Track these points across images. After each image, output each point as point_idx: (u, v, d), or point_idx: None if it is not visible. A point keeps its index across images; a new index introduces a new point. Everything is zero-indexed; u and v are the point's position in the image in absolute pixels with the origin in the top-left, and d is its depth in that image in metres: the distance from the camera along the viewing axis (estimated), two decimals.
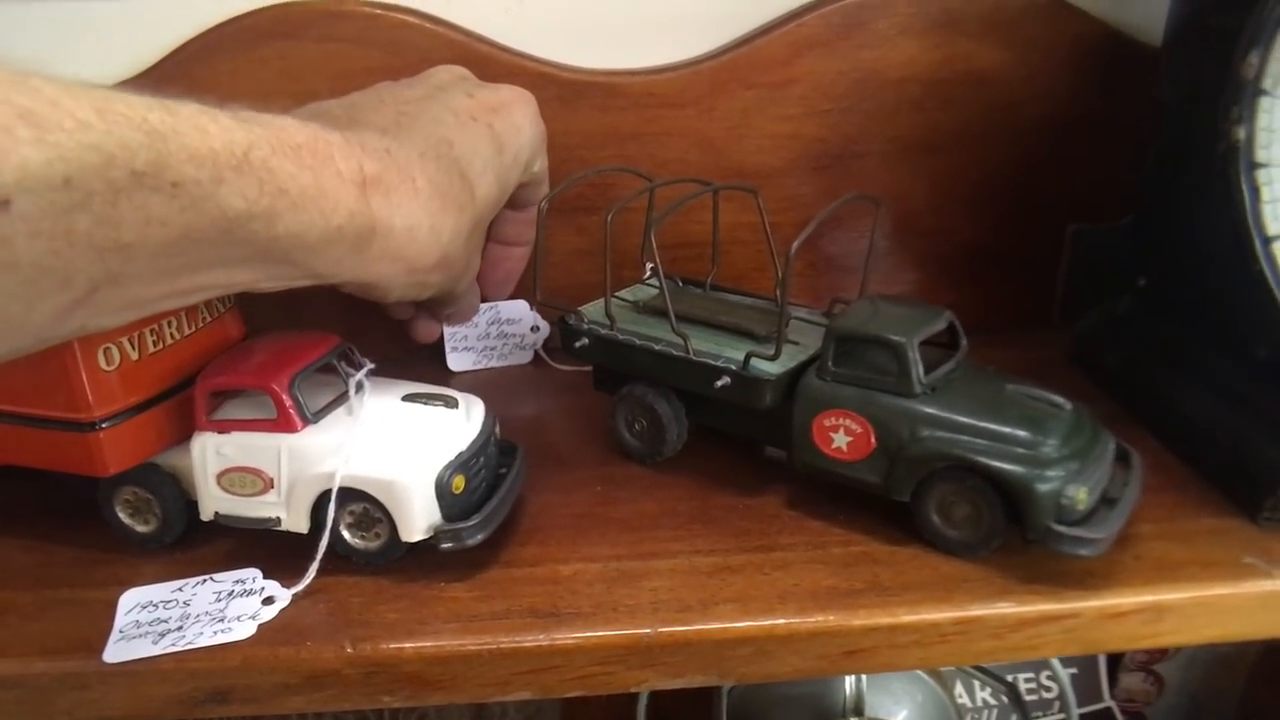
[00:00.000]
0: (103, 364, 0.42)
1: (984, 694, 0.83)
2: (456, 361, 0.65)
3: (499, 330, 0.65)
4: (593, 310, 0.54)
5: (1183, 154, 0.55)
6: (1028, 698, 0.84)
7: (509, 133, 0.51)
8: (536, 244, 0.55)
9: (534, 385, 0.63)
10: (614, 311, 0.52)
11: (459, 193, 0.46)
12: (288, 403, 0.43)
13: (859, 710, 0.68)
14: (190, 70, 0.60)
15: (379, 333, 0.66)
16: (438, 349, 0.66)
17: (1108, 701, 0.86)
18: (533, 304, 0.65)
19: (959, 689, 0.83)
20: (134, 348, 0.43)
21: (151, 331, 0.44)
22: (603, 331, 0.52)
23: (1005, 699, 0.82)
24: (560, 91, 0.62)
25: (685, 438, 0.52)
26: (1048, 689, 0.83)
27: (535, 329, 0.66)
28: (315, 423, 0.43)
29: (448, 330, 0.65)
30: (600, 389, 0.55)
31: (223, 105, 0.37)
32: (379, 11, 0.60)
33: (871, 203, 0.51)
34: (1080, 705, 0.85)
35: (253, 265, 0.39)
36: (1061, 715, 0.83)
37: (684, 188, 0.55)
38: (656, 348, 0.50)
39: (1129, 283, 0.61)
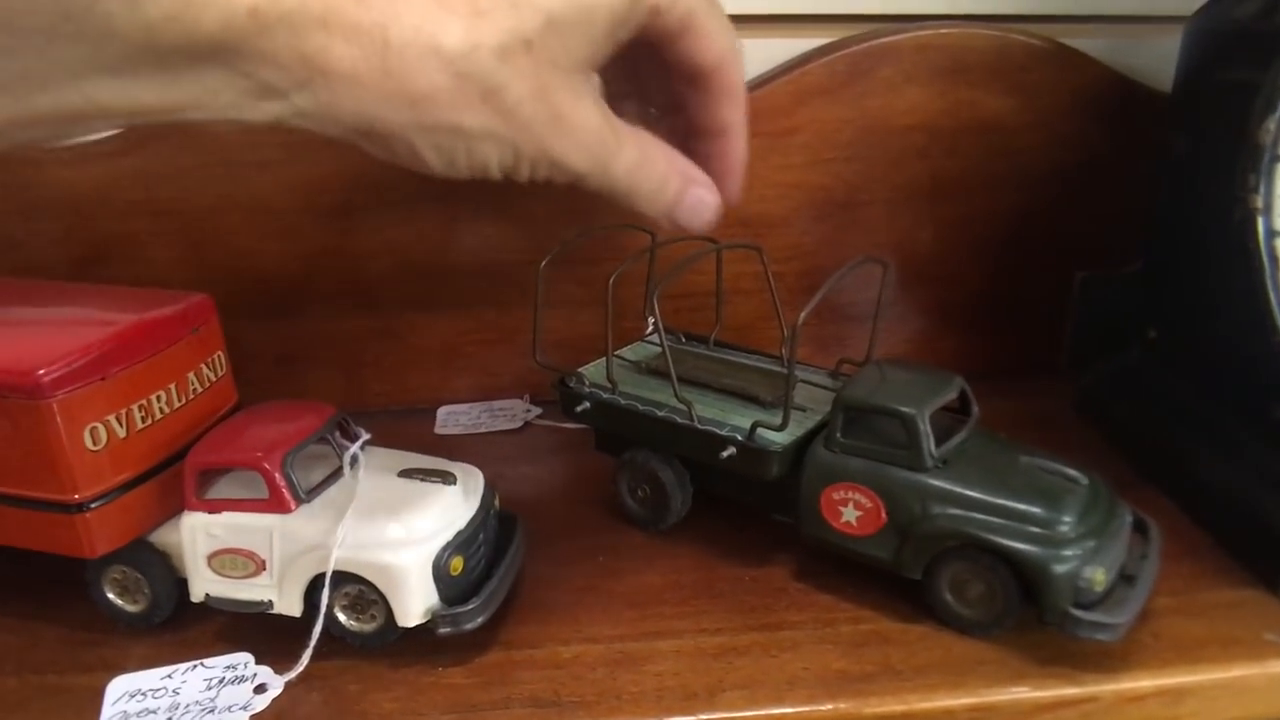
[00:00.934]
0: (89, 444, 0.41)
1: None
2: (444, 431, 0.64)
3: (490, 417, 0.64)
4: (593, 372, 0.53)
5: (1193, 206, 0.53)
6: None
7: None
8: (535, 301, 0.53)
9: (531, 443, 0.62)
10: (616, 374, 0.51)
11: None
12: (280, 482, 0.41)
13: None
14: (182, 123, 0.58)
15: (381, 384, 0.66)
16: (431, 410, 0.65)
17: None
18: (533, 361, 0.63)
19: None
20: (122, 425, 0.42)
21: (140, 408, 0.43)
22: (604, 396, 0.50)
23: None
24: None
25: (690, 504, 0.50)
26: None
27: (528, 411, 0.65)
28: (308, 502, 0.42)
29: (440, 413, 0.64)
30: (601, 450, 0.54)
31: None
32: None
33: (880, 265, 0.50)
34: None
35: (142, 74, 0.28)
36: None
37: (686, 244, 0.54)
38: (660, 414, 0.48)
39: (1139, 332, 0.60)
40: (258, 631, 0.43)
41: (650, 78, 0.43)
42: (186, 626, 0.45)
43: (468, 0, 0.32)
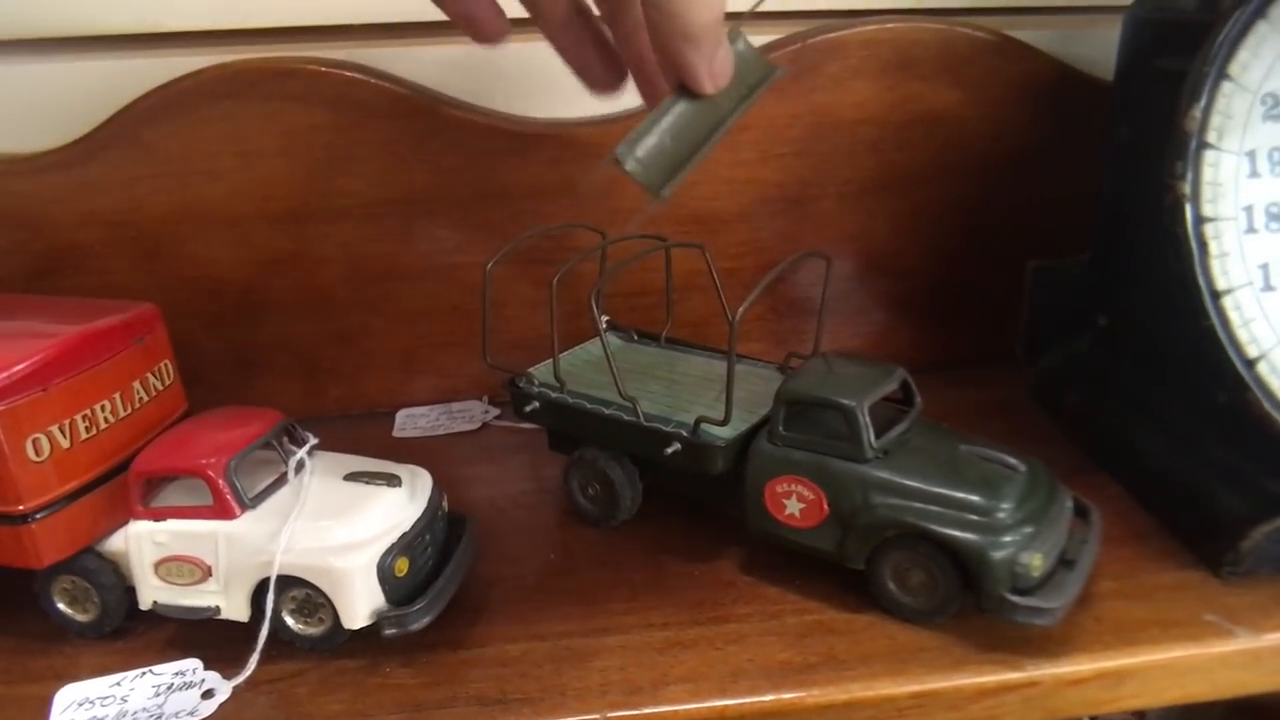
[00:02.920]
0: (32, 455, 0.41)
1: None
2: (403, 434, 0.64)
3: (448, 419, 0.64)
4: (543, 371, 0.53)
5: (1134, 194, 0.54)
6: None
7: None
8: (483, 302, 0.54)
9: (489, 444, 0.62)
10: (566, 372, 0.51)
11: None
12: (224, 489, 0.42)
13: None
14: (134, 132, 0.59)
15: (338, 389, 0.66)
16: (390, 413, 0.65)
17: None
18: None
19: None
20: (65, 436, 0.42)
21: (84, 418, 0.43)
22: (553, 395, 0.51)
23: None
24: (511, 144, 0.61)
25: (640, 501, 0.51)
26: None
27: (486, 412, 0.65)
28: (253, 508, 0.42)
29: (399, 416, 0.65)
30: (555, 449, 0.54)
31: None
32: (324, 69, 0.59)
33: (822, 259, 0.51)
34: None
35: None
36: None
37: (636, 242, 0.55)
38: (607, 412, 0.49)
39: (1091, 320, 0.61)
40: (207, 638, 0.44)
41: None
42: (137, 635, 0.45)
43: None
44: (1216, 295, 0.43)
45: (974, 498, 0.42)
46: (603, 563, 0.49)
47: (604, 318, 0.57)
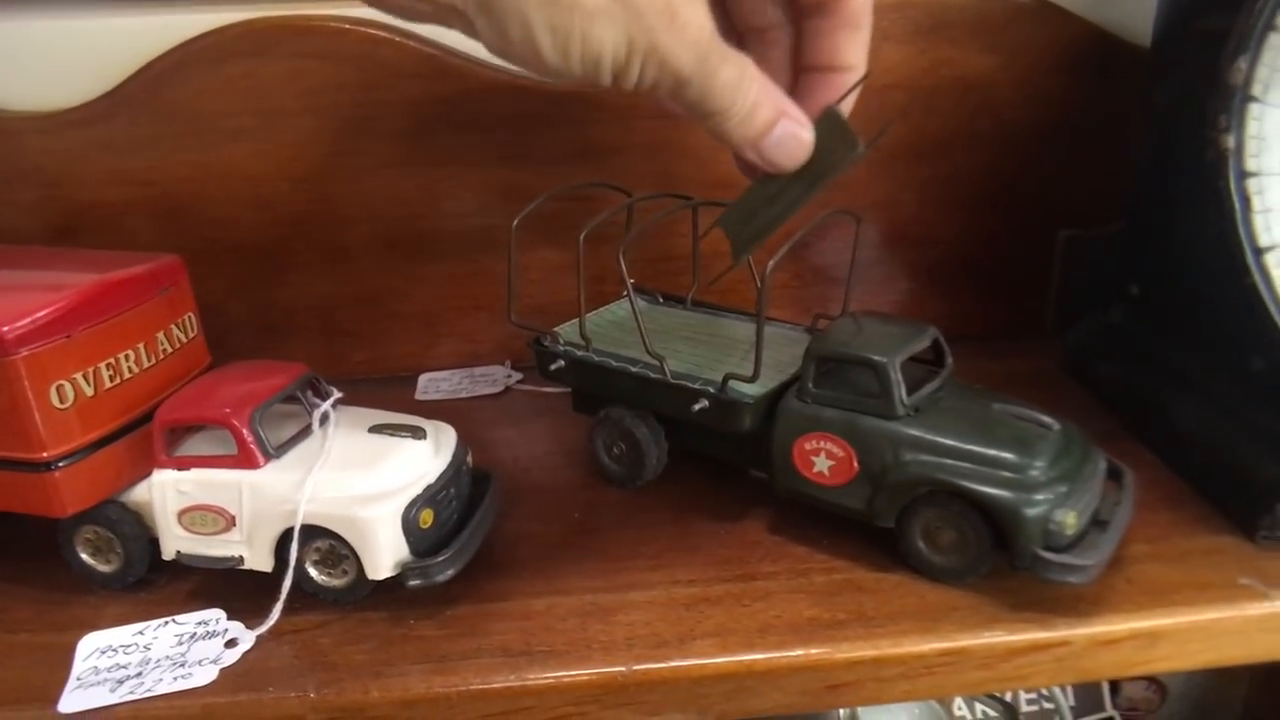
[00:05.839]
0: (56, 402, 0.41)
1: (983, 708, 0.81)
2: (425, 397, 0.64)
3: (471, 382, 0.64)
4: (569, 330, 0.52)
5: (1172, 159, 0.53)
6: (1028, 708, 0.83)
7: None
8: (509, 260, 0.53)
9: (512, 407, 0.62)
10: (591, 331, 0.51)
11: None
12: (248, 438, 0.41)
13: None
14: (156, 90, 0.58)
15: (362, 352, 0.65)
16: (413, 377, 0.65)
17: (1110, 711, 0.85)
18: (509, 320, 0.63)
19: (958, 701, 0.82)
20: (89, 384, 0.42)
21: (108, 366, 0.43)
22: (578, 354, 0.50)
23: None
24: (539, 105, 0.61)
25: (665, 460, 0.50)
26: (1049, 701, 0.82)
27: (509, 376, 0.65)
28: (278, 458, 0.42)
29: (421, 380, 0.64)
30: (579, 410, 0.54)
31: None
32: (348, 26, 0.58)
33: (851, 218, 0.50)
34: (1082, 715, 0.84)
35: None
36: None
37: (662, 203, 0.54)
38: (633, 370, 0.48)
39: (1123, 290, 0.60)
40: (230, 589, 0.43)
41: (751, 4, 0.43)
42: (160, 586, 0.45)
43: None
44: (1259, 252, 0.42)
45: (1007, 455, 0.41)
46: (628, 522, 0.48)
47: (631, 280, 0.56)
